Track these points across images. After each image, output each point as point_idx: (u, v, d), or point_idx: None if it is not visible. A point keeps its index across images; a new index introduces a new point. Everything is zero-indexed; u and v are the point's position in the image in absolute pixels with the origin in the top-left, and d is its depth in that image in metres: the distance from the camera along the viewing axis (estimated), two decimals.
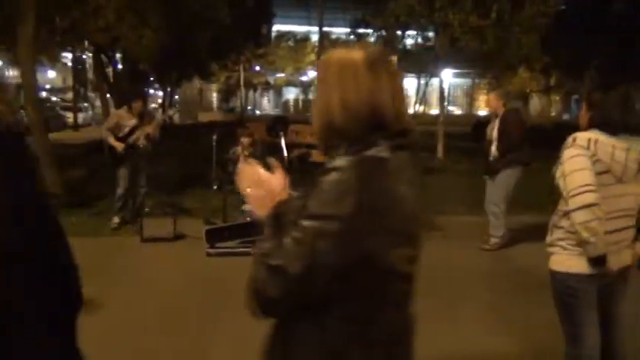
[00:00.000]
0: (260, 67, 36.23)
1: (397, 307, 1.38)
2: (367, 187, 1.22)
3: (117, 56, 17.87)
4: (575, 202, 2.41)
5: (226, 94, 41.28)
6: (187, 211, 7.56)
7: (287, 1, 31.26)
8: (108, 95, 18.33)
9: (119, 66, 18.38)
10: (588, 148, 2.45)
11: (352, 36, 22.68)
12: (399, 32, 16.96)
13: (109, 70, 18.55)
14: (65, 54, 25.63)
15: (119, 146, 6.63)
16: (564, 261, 2.60)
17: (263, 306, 1.28)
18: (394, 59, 1.41)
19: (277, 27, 33.46)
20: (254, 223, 5.99)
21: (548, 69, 24.46)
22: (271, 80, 40.30)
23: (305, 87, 39.81)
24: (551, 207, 2.75)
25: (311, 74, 35.88)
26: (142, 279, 5.15)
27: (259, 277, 1.25)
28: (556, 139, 2.61)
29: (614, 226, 2.53)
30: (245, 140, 7.16)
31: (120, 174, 6.78)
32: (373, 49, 1.38)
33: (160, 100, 32.24)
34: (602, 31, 19.68)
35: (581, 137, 2.49)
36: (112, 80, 17.95)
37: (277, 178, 1.47)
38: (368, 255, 1.23)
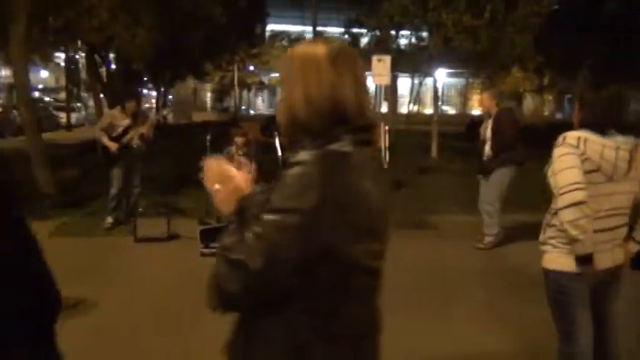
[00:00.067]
0: (254, 67, 36.19)
1: (361, 302, 1.37)
2: (330, 181, 1.21)
3: (110, 56, 17.80)
4: (563, 200, 2.42)
5: (220, 94, 41.21)
6: (181, 211, 7.55)
7: (281, 1, 31.21)
8: (101, 95, 18.26)
9: (112, 66, 18.31)
10: (578, 147, 2.46)
11: (346, 36, 22.72)
12: (393, 32, 17.01)
13: (103, 70, 18.47)
14: (58, 54, 25.49)
15: (113, 146, 6.61)
16: (556, 259, 2.61)
17: (223, 301, 1.27)
18: (356, 54, 1.38)
19: (271, 27, 33.41)
20: None
21: (541, 69, 24.56)
22: (265, 80, 40.26)
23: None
24: (544, 206, 2.76)
25: None
26: (136, 279, 5.13)
27: (220, 272, 1.24)
28: (549, 139, 2.62)
29: (604, 225, 2.54)
30: (239, 140, 7.14)
31: (113, 174, 6.76)
32: (336, 44, 1.38)
33: (154, 100, 32.16)
34: (595, 31, 19.78)
35: (570, 136, 2.51)
36: (106, 80, 17.88)
37: (243, 174, 1.48)
38: (330, 249, 1.22)
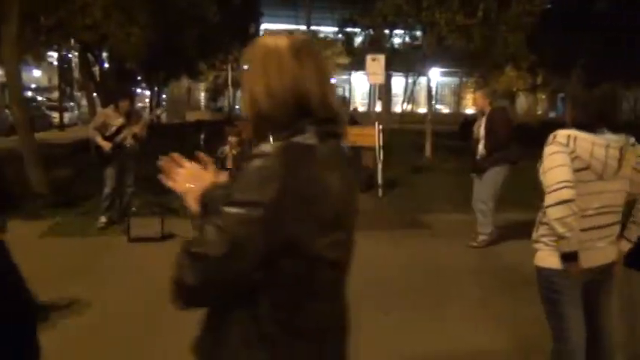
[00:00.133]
0: (247, 67, 36.13)
1: (327, 295, 1.35)
2: (292, 174, 1.20)
3: (103, 55, 17.72)
4: (551, 198, 2.44)
5: (214, 94, 41.11)
6: (175, 211, 7.51)
7: (274, 0, 31.16)
8: (94, 94, 18.18)
9: (106, 65, 18.22)
10: (567, 145, 2.48)
11: (340, 35, 22.71)
12: (387, 31, 17.02)
13: (96, 69, 18.40)
14: (51, 53, 25.38)
15: (106, 145, 6.58)
16: (547, 257, 2.62)
17: (183, 295, 1.25)
18: (319, 46, 1.35)
19: (265, 26, 33.30)
20: None
21: (534, 68, 24.64)
22: None
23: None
24: (537, 204, 2.77)
25: None
26: (130, 279, 5.11)
27: (180, 265, 1.22)
28: (542, 138, 2.63)
29: (594, 223, 2.55)
30: (233, 139, 7.13)
31: (107, 173, 6.73)
32: (298, 36, 1.37)
33: (148, 100, 32.05)
34: (587, 30, 19.87)
35: (561, 134, 2.52)
36: (99, 79, 17.80)
37: (209, 173, 1.47)
38: (292, 242, 1.21)
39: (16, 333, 1.44)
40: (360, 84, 39.99)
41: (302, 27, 27.77)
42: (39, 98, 29.91)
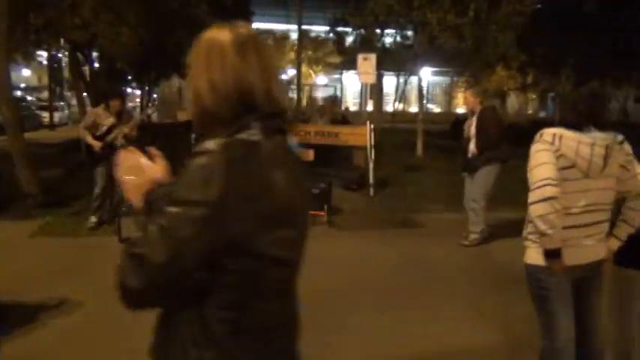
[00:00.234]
0: None
1: (274, 294, 1.33)
2: (235, 171, 1.18)
3: (93, 54, 17.61)
4: (535, 195, 2.47)
5: None
6: None
7: (266, 0, 31.13)
8: (84, 94, 18.06)
9: (96, 64, 18.11)
10: (553, 144, 2.50)
11: (331, 34, 22.69)
12: (378, 31, 17.02)
13: (86, 69, 18.28)
14: (40, 52, 25.18)
15: (97, 145, 6.56)
16: (534, 254, 2.65)
17: (127, 297, 1.23)
18: (264, 40, 1.31)
19: (256, 25, 33.28)
20: None
21: (524, 67, 24.75)
22: None
23: (285, 85, 39.78)
24: (528, 202, 2.79)
25: (290, 72, 35.79)
26: None
27: (122, 267, 1.20)
28: (533, 137, 2.66)
29: (580, 221, 2.57)
30: None
31: (97, 173, 6.70)
32: (242, 30, 1.34)
33: (138, 99, 31.89)
34: (577, 30, 20.01)
35: (547, 133, 2.55)
36: (89, 79, 17.68)
37: (158, 166, 1.45)
38: (236, 241, 1.20)
39: None
40: (352, 83, 40.05)
41: (293, 26, 27.73)
42: (29, 98, 29.73)
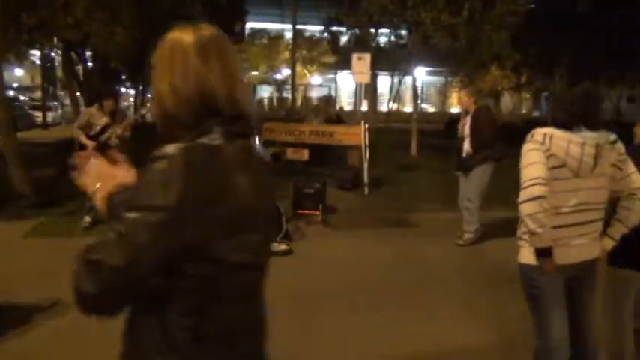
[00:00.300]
0: None
1: (236, 299, 1.31)
2: (195, 176, 1.16)
3: (87, 54, 17.53)
4: (524, 195, 2.49)
5: None
6: None
7: None
8: (78, 93, 17.98)
9: (89, 64, 18.04)
10: (543, 143, 2.52)
11: (326, 34, 22.72)
12: (373, 30, 17.04)
13: (79, 68, 18.21)
14: (33, 52, 25.06)
15: (90, 145, 6.53)
16: (527, 253, 2.66)
17: (82, 302, 1.21)
18: (228, 42, 1.30)
19: (251, 24, 33.23)
20: None
21: (518, 67, 24.84)
22: (245, 78, 40.13)
23: (279, 85, 39.70)
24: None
25: (285, 72, 35.77)
26: None
27: (77, 273, 1.18)
28: (526, 136, 2.66)
29: (571, 220, 2.58)
30: None
31: None
32: (205, 32, 1.31)
33: (132, 99, 31.79)
34: (571, 30, 20.09)
35: (538, 133, 2.57)
36: (82, 78, 17.61)
37: (123, 172, 1.43)
38: (195, 246, 1.18)
39: None
40: (346, 83, 40.07)
41: (288, 26, 27.72)
42: (21, 97, 29.52)
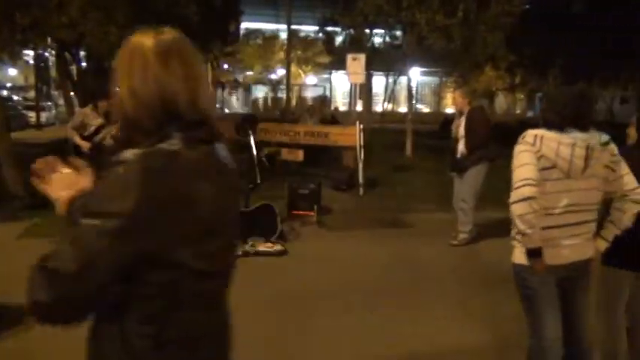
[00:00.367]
0: (228, 66, 35.94)
1: (198, 307, 1.29)
2: (152, 182, 1.14)
3: (81, 54, 17.46)
4: (514, 195, 2.50)
5: None
6: None
7: None
8: (72, 93, 17.91)
9: (83, 64, 17.96)
10: (534, 145, 2.53)
11: (321, 34, 22.71)
12: (367, 31, 17.05)
13: (73, 68, 18.13)
14: (27, 51, 24.95)
15: (85, 145, 6.51)
16: (522, 254, 2.67)
17: (36, 312, 1.17)
18: (190, 46, 1.31)
19: (245, 25, 33.17)
20: None
21: (513, 67, 24.91)
22: (240, 78, 40.01)
23: (274, 85, 39.66)
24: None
25: (280, 72, 35.74)
26: None
27: (31, 281, 1.16)
28: None
29: (563, 221, 2.59)
30: None
31: None
32: (167, 36, 1.29)
33: None
34: (565, 31, 20.14)
35: (529, 134, 2.59)
36: (76, 78, 17.54)
37: (86, 179, 1.41)
38: (154, 253, 1.16)
39: None
40: (341, 83, 40.05)
41: (282, 26, 27.72)
42: (15, 97, 29.39)
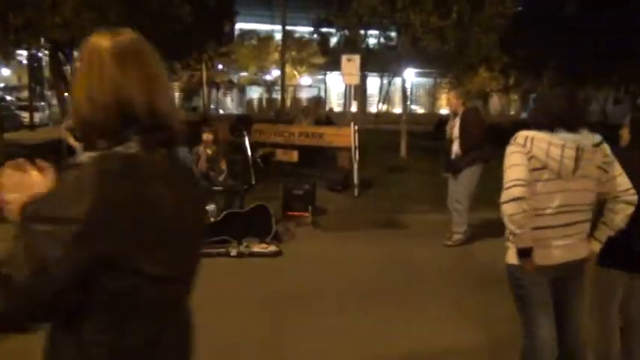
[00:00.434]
0: (223, 66, 35.89)
1: (156, 314, 1.26)
2: (108, 186, 1.12)
3: (74, 54, 17.40)
4: (504, 196, 2.51)
5: (189, 93, 40.80)
6: None
7: (250, 0, 31.04)
8: (65, 94, 17.84)
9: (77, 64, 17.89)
10: (525, 146, 2.55)
11: (315, 35, 22.74)
12: (362, 32, 17.07)
13: (67, 68, 18.07)
14: (20, 51, 24.85)
15: (79, 146, 6.48)
16: (515, 254, 2.67)
17: None
18: (149, 48, 1.27)
19: (240, 25, 33.15)
20: (218, 224, 5.89)
21: (506, 69, 25.01)
22: (234, 79, 39.97)
23: (269, 86, 39.62)
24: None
25: (275, 73, 35.72)
26: None
27: None
28: None
29: (555, 222, 2.59)
30: (208, 137, 7.06)
31: None
32: (124, 37, 1.26)
33: None
34: (558, 32, 20.24)
35: (520, 135, 2.60)
36: (70, 78, 17.48)
37: (46, 180, 1.34)
38: (111, 259, 1.13)
39: None
40: (336, 84, 40.07)
41: (277, 27, 27.70)
42: (8, 98, 29.25)
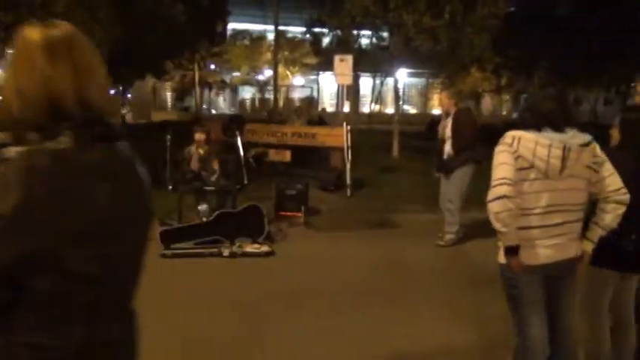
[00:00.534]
0: (215, 66, 35.79)
1: (91, 316, 1.23)
2: (35, 182, 1.08)
3: None
4: (490, 194, 2.53)
5: (181, 93, 40.66)
6: None
7: (242, 0, 30.97)
8: None
9: None
10: (512, 145, 2.56)
11: (308, 35, 22.73)
12: (355, 32, 17.08)
13: None
14: (11, 50, 24.68)
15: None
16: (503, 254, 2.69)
17: None
18: (82, 41, 1.26)
19: (233, 25, 33.10)
20: (210, 224, 5.87)
21: (498, 69, 25.10)
22: (227, 79, 39.86)
23: (261, 86, 39.55)
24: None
25: (267, 73, 35.66)
26: None
27: None
28: None
29: (545, 221, 2.60)
30: (200, 137, 7.03)
31: None
32: (55, 30, 1.23)
33: None
34: (550, 33, 20.35)
35: (508, 135, 2.62)
36: None
37: None
38: (39, 257, 1.10)
39: None
40: (328, 84, 40.02)
41: (270, 27, 27.65)
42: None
